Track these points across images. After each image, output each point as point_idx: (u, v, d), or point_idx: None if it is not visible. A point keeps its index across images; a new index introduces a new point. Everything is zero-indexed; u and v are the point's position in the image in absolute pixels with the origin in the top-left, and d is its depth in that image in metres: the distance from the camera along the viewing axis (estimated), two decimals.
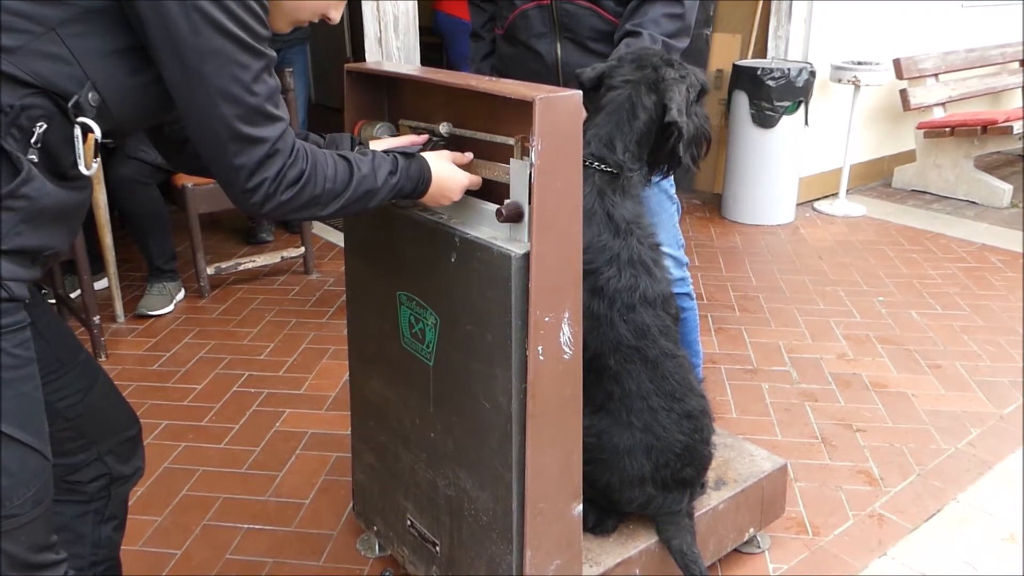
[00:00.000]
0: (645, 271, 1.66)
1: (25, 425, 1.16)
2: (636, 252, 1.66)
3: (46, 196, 1.12)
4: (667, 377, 1.71)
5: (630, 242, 1.66)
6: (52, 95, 1.10)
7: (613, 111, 1.71)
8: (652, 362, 1.69)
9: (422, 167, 1.41)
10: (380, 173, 1.34)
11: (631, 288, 1.64)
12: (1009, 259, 4.16)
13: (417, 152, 1.43)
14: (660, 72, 1.72)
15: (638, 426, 1.71)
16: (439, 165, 1.44)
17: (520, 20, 2.13)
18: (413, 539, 1.84)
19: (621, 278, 1.64)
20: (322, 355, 3.16)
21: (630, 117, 1.70)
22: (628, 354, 1.67)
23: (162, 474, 2.43)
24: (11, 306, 1.13)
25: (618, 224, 1.65)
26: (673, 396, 1.72)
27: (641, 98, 1.70)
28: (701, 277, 3.91)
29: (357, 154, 1.34)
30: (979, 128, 4.91)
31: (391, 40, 3.77)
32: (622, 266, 1.64)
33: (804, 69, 4.46)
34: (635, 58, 1.76)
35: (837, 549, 2.10)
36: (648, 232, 1.71)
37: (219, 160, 1.17)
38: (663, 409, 1.71)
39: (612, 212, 1.65)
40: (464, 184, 1.48)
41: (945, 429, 2.64)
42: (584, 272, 1.57)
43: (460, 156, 1.50)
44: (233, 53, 1.12)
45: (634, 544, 1.79)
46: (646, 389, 1.70)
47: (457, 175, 1.47)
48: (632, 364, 1.68)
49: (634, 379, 1.69)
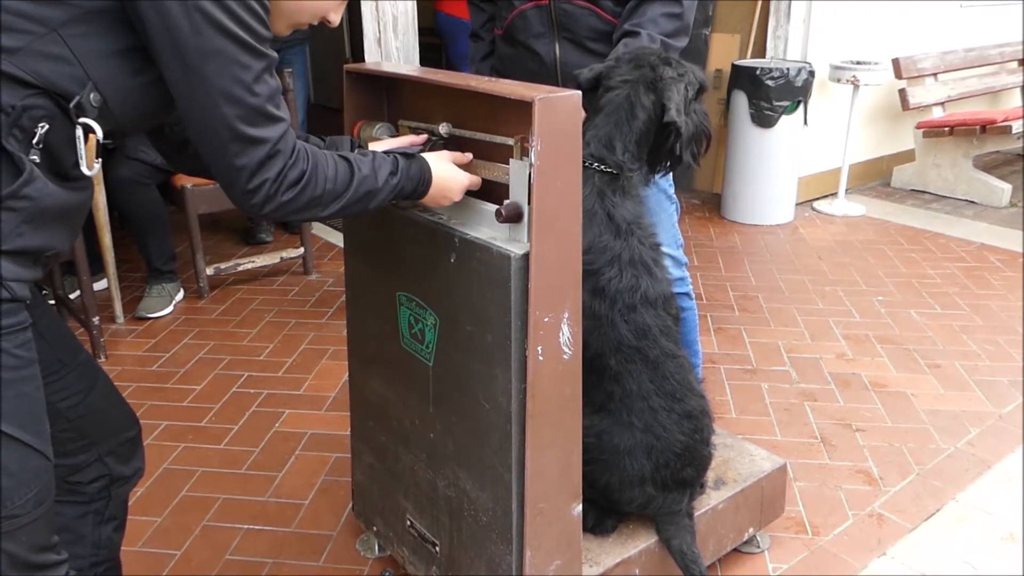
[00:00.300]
0: (646, 271, 1.67)
1: (27, 425, 1.17)
2: (637, 252, 1.66)
3: (48, 197, 1.12)
4: (668, 377, 1.71)
5: (631, 243, 1.66)
6: (54, 96, 1.10)
7: (612, 112, 1.71)
8: (653, 362, 1.69)
9: (422, 168, 1.41)
10: (381, 174, 1.34)
11: (632, 288, 1.64)
12: (1008, 258, 4.16)
13: (418, 153, 1.43)
14: (658, 71, 1.72)
15: (639, 426, 1.71)
16: (439, 165, 1.44)
17: (518, 20, 2.13)
18: (413, 539, 1.84)
19: (622, 279, 1.64)
20: (322, 355, 3.16)
21: (629, 117, 1.70)
22: (629, 354, 1.67)
23: (162, 475, 2.43)
24: (13, 307, 1.13)
25: (619, 225, 1.65)
26: (673, 396, 1.72)
27: (640, 98, 1.70)
28: (700, 277, 3.91)
29: (357, 155, 1.33)
30: (978, 128, 4.92)
31: (390, 40, 3.77)
32: (623, 266, 1.64)
33: (803, 69, 4.46)
34: (632, 58, 1.76)
35: (837, 549, 2.11)
36: (649, 232, 1.71)
37: (220, 161, 1.17)
38: (663, 409, 1.71)
39: (613, 213, 1.65)
40: (464, 184, 1.48)
41: (944, 429, 2.64)
42: (585, 273, 1.57)
43: (460, 156, 1.50)
44: (234, 54, 1.12)
45: (634, 544, 1.79)
46: (647, 389, 1.70)
47: (457, 175, 1.47)
48: (633, 364, 1.68)
49: (635, 379, 1.69)
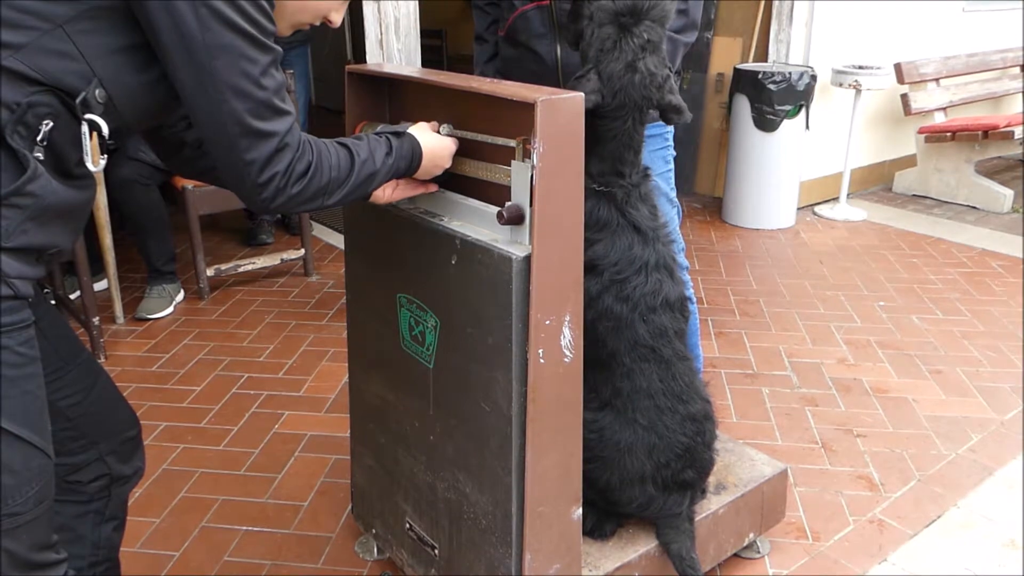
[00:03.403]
0: (668, 274, 1.70)
1: (29, 423, 1.16)
2: (662, 256, 1.69)
3: (51, 194, 1.12)
4: (677, 378, 1.73)
5: (657, 247, 1.69)
6: (59, 92, 1.10)
7: (614, 145, 1.68)
8: (666, 362, 1.72)
9: (412, 143, 1.43)
10: (378, 155, 1.36)
11: (655, 292, 1.67)
12: (1010, 264, 4.15)
13: (405, 131, 1.44)
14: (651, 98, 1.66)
15: (642, 423, 1.72)
16: (425, 137, 1.46)
17: (520, 21, 2.13)
18: (412, 542, 1.83)
19: (647, 283, 1.67)
20: (322, 357, 3.16)
21: (629, 142, 1.69)
22: (643, 353, 1.70)
23: (161, 476, 2.43)
24: (15, 304, 1.13)
25: (645, 233, 1.68)
26: (680, 397, 1.74)
27: (636, 126, 1.68)
28: (701, 281, 3.91)
29: (353, 140, 1.35)
30: (980, 133, 4.91)
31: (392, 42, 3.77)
32: (649, 272, 1.67)
33: (805, 73, 4.46)
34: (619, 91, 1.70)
35: (837, 554, 2.10)
36: (666, 230, 1.74)
37: (230, 156, 1.17)
38: (668, 409, 1.73)
39: (639, 223, 1.67)
40: (452, 149, 1.51)
41: (946, 434, 2.64)
42: (613, 283, 1.63)
43: (433, 125, 1.52)
44: (242, 48, 1.12)
45: (634, 548, 1.78)
46: (655, 388, 1.72)
47: (443, 141, 1.49)
48: (646, 363, 1.70)
49: (645, 377, 1.71)
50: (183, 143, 1.47)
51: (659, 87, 1.63)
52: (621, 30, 1.61)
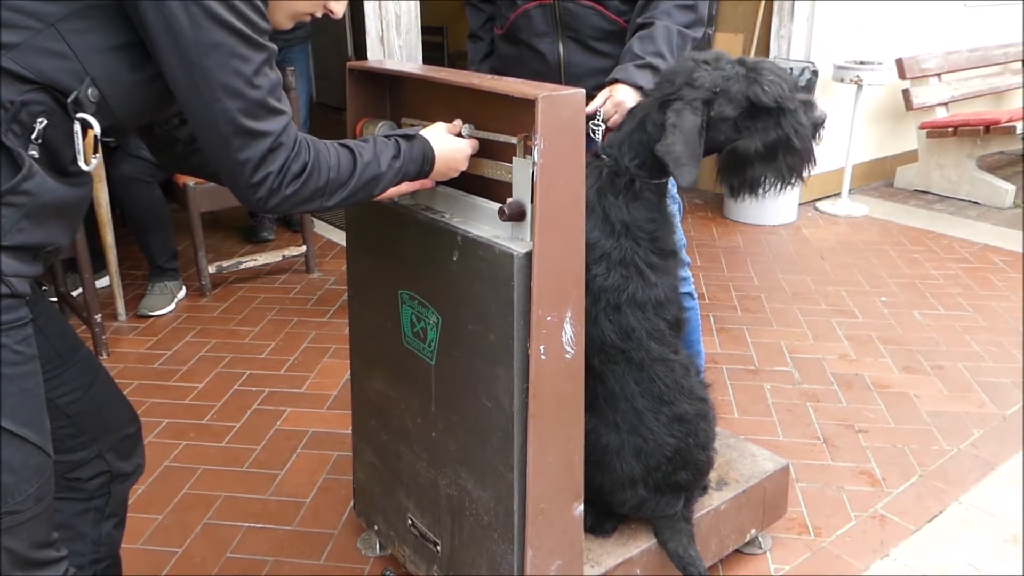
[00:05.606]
0: (637, 274, 1.64)
1: (28, 422, 1.16)
2: (629, 254, 1.64)
3: (47, 192, 1.12)
4: (655, 380, 1.68)
5: (623, 243, 1.64)
6: (52, 91, 1.10)
7: (632, 125, 1.70)
8: (637, 364, 1.67)
9: (424, 147, 1.41)
10: (383, 159, 1.34)
11: (618, 288, 1.63)
12: (1011, 260, 4.15)
13: (417, 134, 1.43)
14: (678, 89, 1.63)
15: (624, 427, 1.70)
16: (439, 140, 1.45)
17: (522, 20, 2.13)
18: (414, 538, 1.83)
19: (609, 277, 1.63)
20: (323, 354, 3.16)
21: (640, 130, 1.68)
22: (612, 355, 1.66)
23: (163, 472, 2.43)
24: (13, 302, 1.13)
25: (613, 224, 1.64)
26: (661, 399, 1.69)
27: (651, 115, 1.67)
28: (703, 277, 3.90)
29: (359, 142, 1.34)
30: (982, 128, 4.90)
31: (393, 39, 3.77)
32: (612, 265, 1.63)
33: (806, 69, 4.44)
34: (668, 71, 1.71)
35: (839, 550, 2.10)
36: (652, 237, 1.67)
37: (223, 155, 1.17)
38: (650, 411, 1.69)
39: (609, 213, 1.65)
40: (468, 152, 1.49)
41: (947, 430, 2.64)
42: None
43: (452, 126, 1.50)
44: (234, 46, 1.11)
45: (635, 544, 1.78)
46: (631, 391, 1.68)
47: (458, 144, 1.48)
48: (616, 365, 1.67)
49: (617, 380, 1.68)
50: (175, 140, 1.46)
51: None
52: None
